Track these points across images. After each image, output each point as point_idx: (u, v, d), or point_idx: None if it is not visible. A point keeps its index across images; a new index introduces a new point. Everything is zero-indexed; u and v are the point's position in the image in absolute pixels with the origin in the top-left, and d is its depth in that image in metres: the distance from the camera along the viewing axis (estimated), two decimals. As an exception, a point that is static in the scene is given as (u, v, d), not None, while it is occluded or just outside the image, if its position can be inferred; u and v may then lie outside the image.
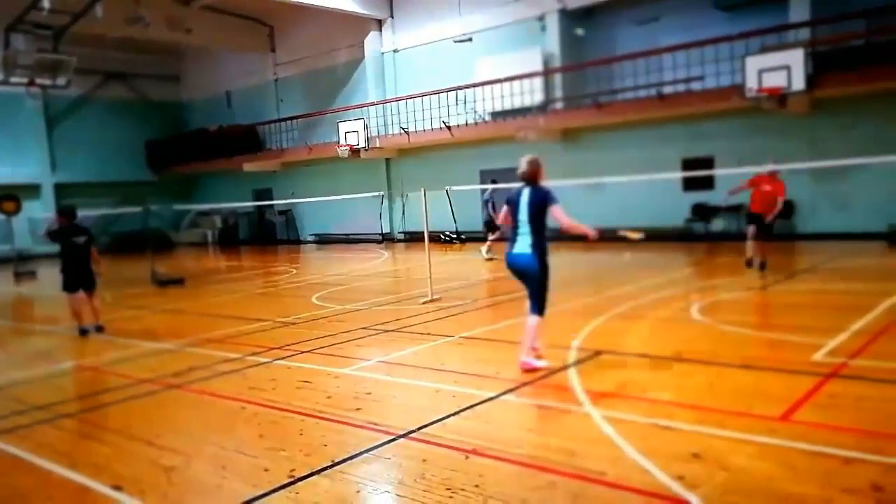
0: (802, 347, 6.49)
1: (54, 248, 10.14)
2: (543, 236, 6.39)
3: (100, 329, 9.83)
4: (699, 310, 8.76)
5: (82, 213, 10.59)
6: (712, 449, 4.23)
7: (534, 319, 6.34)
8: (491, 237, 16.54)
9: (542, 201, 6.33)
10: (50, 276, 19.86)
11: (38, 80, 22.72)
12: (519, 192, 6.45)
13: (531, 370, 6.18)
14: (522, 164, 6.47)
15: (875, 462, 3.90)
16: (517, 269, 6.45)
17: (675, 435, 4.53)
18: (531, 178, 6.45)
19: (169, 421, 5.60)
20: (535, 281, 6.39)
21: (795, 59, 15.09)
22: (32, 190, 28.09)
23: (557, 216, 6.26)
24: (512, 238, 6.44)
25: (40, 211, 27.74)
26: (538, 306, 6.38)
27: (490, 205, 16.53)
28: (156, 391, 6.50)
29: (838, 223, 16.36)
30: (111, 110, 30.89)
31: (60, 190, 28.66)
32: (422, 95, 22.49)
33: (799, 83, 15.04)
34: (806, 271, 12.36)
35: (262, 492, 4.01)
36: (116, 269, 20.87)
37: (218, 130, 29.73)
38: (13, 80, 22.25)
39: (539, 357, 6.37)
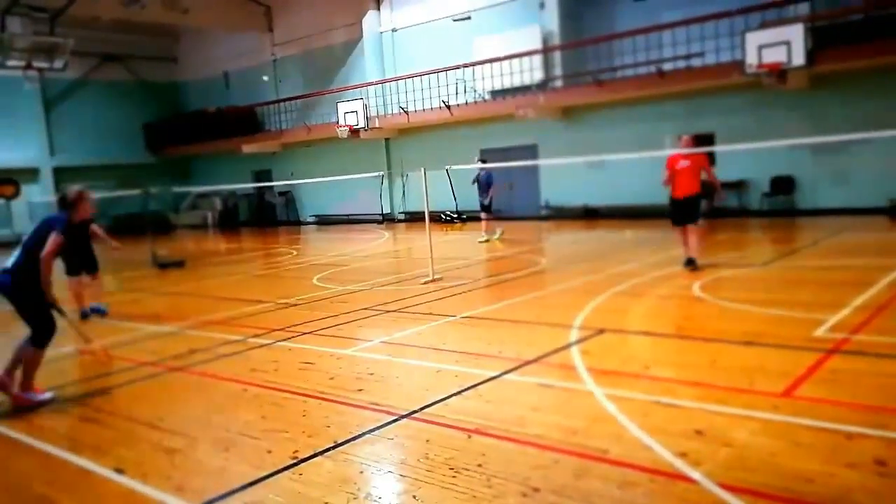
0: (804, 323, 6.48)
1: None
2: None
3: (102, 312, 9.86)
4: (700, 287, 8.74)
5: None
6: (715, 426, 4.23)
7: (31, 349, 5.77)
8: (486, 217, 16.45)
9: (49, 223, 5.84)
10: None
11: (35, 64, 22.61)
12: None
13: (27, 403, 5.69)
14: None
15: (878, 437, 3.90)
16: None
17: (677, 412, 4.53)
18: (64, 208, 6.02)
19: (171, 404, 5.61)
20: (22, 307, 5.80)
21: (795, 35, 14.96)
22: (31, 174, 28.04)
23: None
24: None
25: (39, 195, 27.71)
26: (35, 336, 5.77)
27: (481, 184, 16.33)
28: (157, 374, 6.51)
29: (839, 198, 16.30)
30: (109, 92, 30.73)
31: (59, 173, 28.56)
32: (421, 75, 22.34)
33: (799, 58, 14.92)
34: (807, 247, 12.33)
35: (265, 473, 4.01)
36: (116, 252, 20.84)
37: (216, 112, 29.58)
38: (10, 63, 22.13)
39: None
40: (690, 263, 9.91)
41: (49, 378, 6.64)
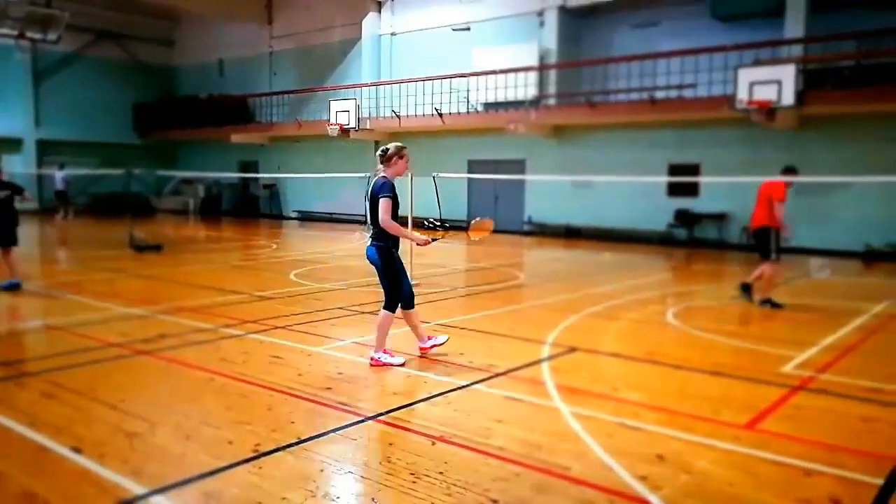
0: (773, 358, 6.56)
1: (31, 204, 10.16)
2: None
3: (14, 286, 9.70)
4: (674, 314, 8.82)
5: (65, 171, 10.46)
6: (677, 452, 4.26)
7: (381, 314, 6.24)
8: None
9: (374, 193, 6.12)
10: (25, 234, 19.58)
11: (28, 34, 22.37)
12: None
13: (381, 366, 6.13)
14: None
15: (834, 475, 3.95)
16: (369, 260, 6.26)
17: (641, 435, 4.56)
18: (382, 163, 6.24)
19: (135, 387, 5.55)
20: (380, 274, 6.24)
21: (787, 75, 15.19)
22: (14, 144, 27.66)
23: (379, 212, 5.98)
24: None
25: (21, 166, 27.33)
26: (386, 301, 6.25)
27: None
28: (124, 356, 6.43)
29: (816, 239, 16.51)
30: (100, 70, 30.42)
31: (43, 146, 28.24)
32: (416, 81, 22.37)
33: (789, 98, 15.15)
34: (781, 284, 12.46)
35: (225, 464, 3.98)
36: (94, 231, 20.64)
37: (208, 99, 29.42)
38: (3, 31, 21.85)
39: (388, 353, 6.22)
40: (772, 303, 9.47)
41: (11, 352, 6.56)
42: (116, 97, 30.71)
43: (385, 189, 6.06)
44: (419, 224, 6.57)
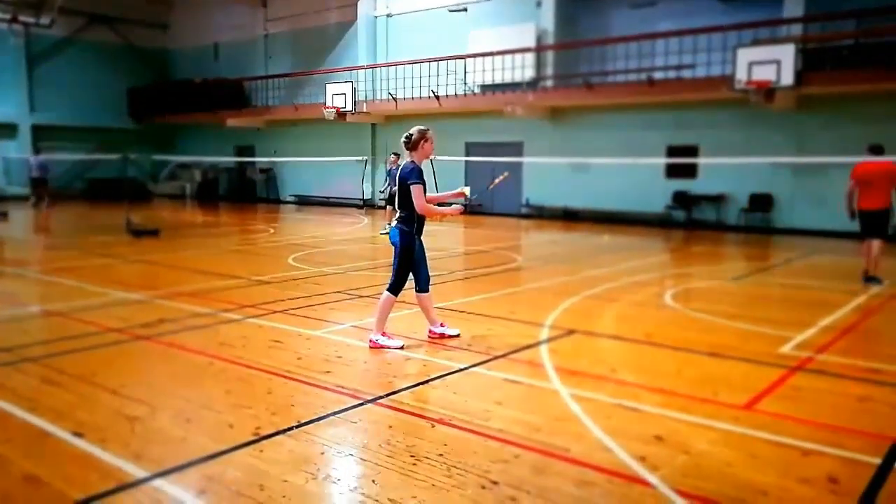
0: (771, 339, 6.58)
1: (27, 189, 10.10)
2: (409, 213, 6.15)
3: None
4: (672, 296, 8.84)
5: (59, 156, 10.40)
6: (675, 432, 4.28)
7: (384, 295, 6.27)
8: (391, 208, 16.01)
9: (402, 178, 6.16)
10: (22, 218, 19.55)
11: (21, 18, 22.24)
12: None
13: (379, 348, 6.16)
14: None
15: (833, 455, 3.98)
16: (390, 241, 6.36)
17: (639, 416, 4.58)
18: (408, 149, 6.32)
19: (135, 371, 5.55)
20: (395, 256, 6.27)
21: (786, 55, 15.13)
22: (9, 129, 27.53)
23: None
24: None
25: (16, 151, 27.25)
26: (391, 283, 6.25)
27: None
28: (123, 341, 6.44)
29: (815, 220, 16.53)
30: (95, 54, 30.22)
31: (38, 131, 28.10)
32: (412, 63, 22.26)
33: (788, 78, 15.09)
34: (780, 265, 12.50)
35: (225, 447, 3.99)
36: (90, 216, 20.58)
37: (203, 82, 29.24)
38: (-5, 15, 21.72)
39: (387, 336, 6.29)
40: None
41: (11, 338, 6.56)
42: (111, 82, 30.53)
43: (414, 175, 6.07)
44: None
